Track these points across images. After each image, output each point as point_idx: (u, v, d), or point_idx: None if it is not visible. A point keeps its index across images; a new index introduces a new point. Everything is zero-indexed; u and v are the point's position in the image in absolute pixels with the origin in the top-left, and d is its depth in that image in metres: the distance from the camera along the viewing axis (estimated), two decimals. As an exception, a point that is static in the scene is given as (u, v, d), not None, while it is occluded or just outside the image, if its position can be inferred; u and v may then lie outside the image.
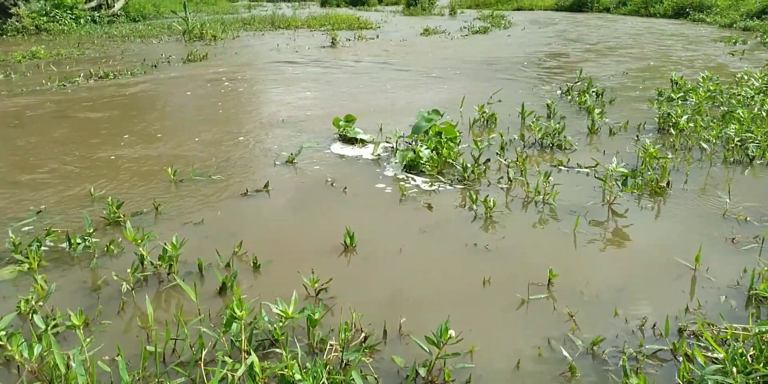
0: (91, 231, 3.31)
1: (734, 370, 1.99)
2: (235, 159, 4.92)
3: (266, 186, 4.18)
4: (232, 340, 2.33)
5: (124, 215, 3.70)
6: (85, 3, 18.39)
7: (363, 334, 2.43)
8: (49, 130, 5.96)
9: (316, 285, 2.75)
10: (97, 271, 3.08)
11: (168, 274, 2.99)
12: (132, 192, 4.19)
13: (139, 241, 2.98)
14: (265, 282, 2.94)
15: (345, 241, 3.25)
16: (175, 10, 20.19)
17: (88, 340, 2.29)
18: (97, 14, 18.55)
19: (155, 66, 10.08)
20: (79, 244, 3.24)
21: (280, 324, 2.37)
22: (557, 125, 5.22)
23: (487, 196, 3.81)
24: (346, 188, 4.18)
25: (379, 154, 5.04)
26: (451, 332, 2.23)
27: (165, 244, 2.97)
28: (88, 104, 7.15)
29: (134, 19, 20.35)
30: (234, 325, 2.36)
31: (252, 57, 11.60)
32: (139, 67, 9.81)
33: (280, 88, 8.33)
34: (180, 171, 4.54)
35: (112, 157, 5.00)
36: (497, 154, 4.84)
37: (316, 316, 2.42)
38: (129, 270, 2.90)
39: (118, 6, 19.77)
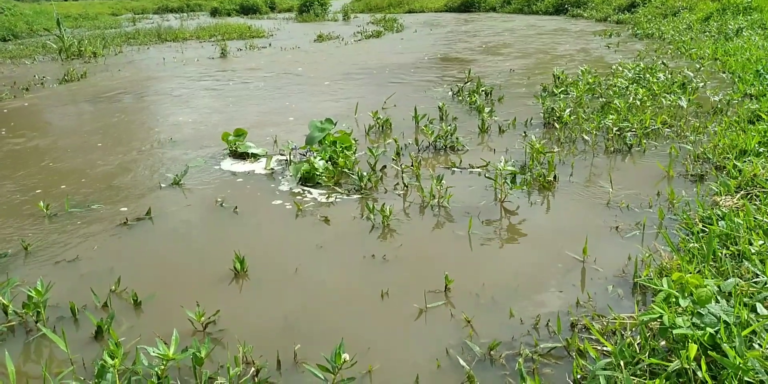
0: (-55, 281, 2.94)
1: (622, 363, 2.01)
2: (116, 185, 4.59)
3: (149, 212, 3.91)
4: (107, 391, 2.11)
5: (-15, 259, 3.33)
6: (-56, 23, 16.83)
7: (253, 368, 2.28)
8: None
9: (203, 318, 2.57)
10: (-47, 327, 2.73)
11: (36, 323, 2.69)
12: (-4, 231, 3.79)
13: (-2, 289, 2.67)
14: (147, 320, 2.72)
15: (235, 267, 3.08)
16: (50, 27, 18.95)
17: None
18: (-40, 35, 17.04)
19: (27, 89, 9.33)
20: (-70, 297, 2.87)
21: (162, 367, 2.18)
22: (449, 127, 5.26)
23: (384, 204, 3.76)
24: (236, 208, 3.99)
25: (272, 168, 4.88)
26: (345, 356, 2.13)
27: (29, 289, 2.67)
28: (-52, 135, 6.48)
29: (4, 38, 18.86)
30: (109, 374, 2.14)
31: (136, 73, 11.02)
32: (7, 91, 9.04)
33: (166, 104, 7.93)
34: (54, 203, 4.17)
35: (-26, 194, 4.53)
36: (393, 159, 4.81)
37: (203, 354, 2.24)
38: (-12, 323, 2.59)
39: (-17, 25, 18.23)
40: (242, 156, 5.21)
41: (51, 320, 2.73)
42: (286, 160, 5.02)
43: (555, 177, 4.15)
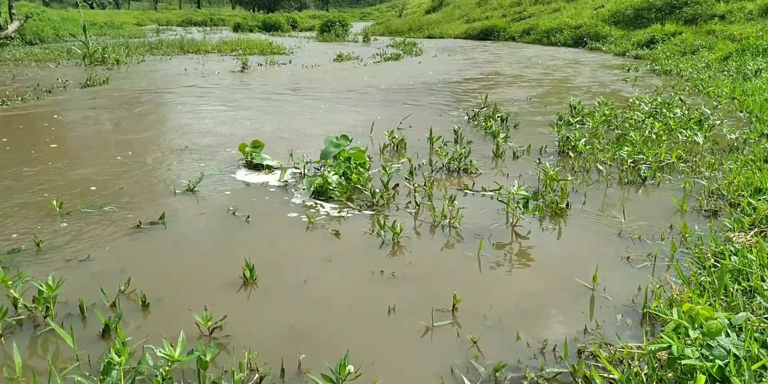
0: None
1: (628, 391, 2.00)
2: (130, 189, 4.64)
3: (162, 217, 3.95)
4: (111, 389, 2.11)
5: (-2, 253, 3.36)
6: (-25, 24, 17.25)
7: (258, 375, 2.27)
8: None
9: (210, 323, 2.58)
10: (-38, 317, 2.75)
11: (45, 318, 2.71)
12: (11, 226, 3.83)
13: (9, 282, 2.69)
14: (154, 322, 2.72)
15: (244, 274, 3.09)
16: (76, 33, 19.34)
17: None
18: (-12, 36, 17.44)
19: (50, 91, 9.50)
20: (-59, 287, 2.90)
21: (166, 368, 2.18)
22: (463, 150, 5.30)
23: (395, 221, 3.77)
24: (248, 217, 4.01)
25: (286, 181, 4.91)
26: (350, 367, 2.13)
27: (40, 284, 2.70)
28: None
29: (30, 42, 19.28)
30: (114, 372, 2.15)
31: (156, 82, 11.19)
32: (31, 93, 9.21)
33: (184, 113, 8.04)
34: (68, 202, 4.22)
35: (-8, 189, 4.59)
36: (406, 178, 4.84)
37: (208, 358, 2.24)
38: (-3, 315, 2.61)
39: (11, 28, 18.66)
40: (257, 167, 5.26)
41: (59, 316, 2.74)
42: (300, 173, 5.05)
43: (568, 204, 4.15)
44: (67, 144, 6.25)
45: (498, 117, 7.29)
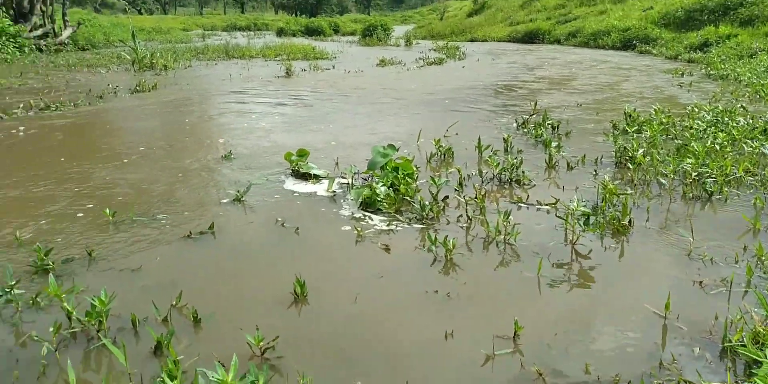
0: (14, 282, 2.98)
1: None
2: (179, 197, 4.63)
3: (211, 227, 3.91)
4: (164, 413, 2.05)
5: (53, 262, 3.37)
6: (30, 31, 17.85)
7: (313, 403, 2.18)
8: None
9: (262, 343, 2.50)
10: (20, 328, 2.75)
11: (98, 332, 2.68)
12: (64, 235, 3.85)
13: (64, 295, 2.67)
14: (206, 339, 2.66)
15: (295, 290, 3.01)
16: (125, 39, 19.82)
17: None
18: (44, 43, 18.01)
19: (101, 97, 9.70)
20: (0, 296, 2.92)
21: (219, 394, 2.10)
22: (514, 160, 5.13)
23: (446, 236, 3.63)
24: (298, 229, 3.94)
25: (334, 191, 4.84)
26: (411, 400, 2.01)
27: (93, 298, 2.67)
28: (21, 137, 6.75)
29: (83, 47, 19.85)
30: (166, 396, 2.08)
31: (203, 87, 11.33)
32: (83, 98, 9.41)
33: (230, 120, 8.07)
34: (119, 211, 4.23)
35: (43, 196, 4.64)
36: (455, 190, 4.69)
37: (260, 382, 2.16)
38: (51, 329, 2.59)
39: (65, 34, 19.26)
40: (304, 176, 5.20)
41: (112, 330, 2.71)
42: (348, 183, 4.97)
43: (630, 221, 3.94)
44: (117, 150, 6.32)
45: (549, 124, 7.07)
